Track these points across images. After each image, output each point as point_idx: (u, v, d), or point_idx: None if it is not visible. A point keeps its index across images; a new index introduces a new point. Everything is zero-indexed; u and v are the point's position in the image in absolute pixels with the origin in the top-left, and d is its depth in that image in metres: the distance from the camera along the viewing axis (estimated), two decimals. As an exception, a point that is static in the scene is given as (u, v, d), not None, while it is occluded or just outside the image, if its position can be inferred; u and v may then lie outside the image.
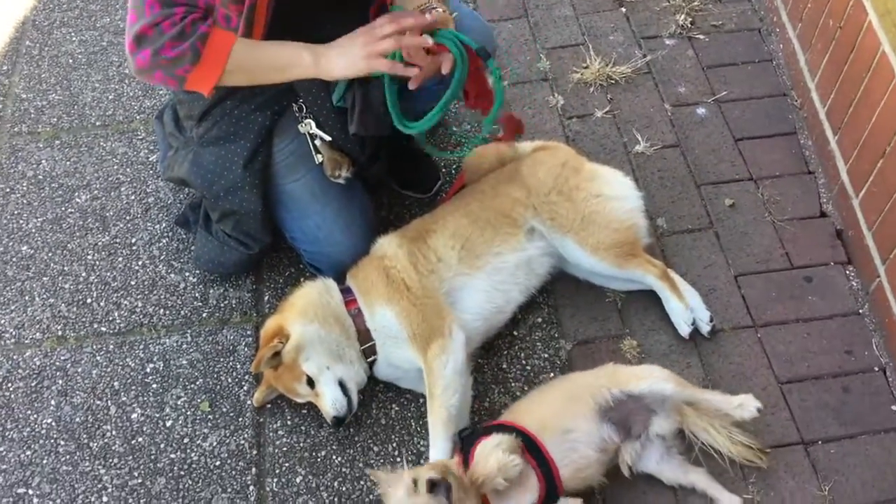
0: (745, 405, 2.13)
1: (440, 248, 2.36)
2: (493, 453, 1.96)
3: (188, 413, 2.38)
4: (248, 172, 2.36)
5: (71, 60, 3.25)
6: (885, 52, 2.34)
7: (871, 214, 2.46)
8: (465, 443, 2.07)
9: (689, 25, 3.23)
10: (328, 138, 2.36)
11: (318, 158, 2.37)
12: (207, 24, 2.04)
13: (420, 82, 2.12)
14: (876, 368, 2.38)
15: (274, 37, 2.15)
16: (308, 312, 2.29)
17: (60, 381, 2.44)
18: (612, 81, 3.08)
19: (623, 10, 3.32)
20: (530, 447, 2.03)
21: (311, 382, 2.27)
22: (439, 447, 2.17)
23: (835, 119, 2.68)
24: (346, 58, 2.10)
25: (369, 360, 2.33)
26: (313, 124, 2.35)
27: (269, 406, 2.39)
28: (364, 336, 2.31)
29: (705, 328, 2.42)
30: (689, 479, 2.14)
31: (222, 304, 2.59)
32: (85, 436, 2.34)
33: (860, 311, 2.48)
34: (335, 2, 2.23)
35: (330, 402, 2.25)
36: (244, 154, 2.35)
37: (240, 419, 2.37)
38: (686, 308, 2.40)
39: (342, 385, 2.27)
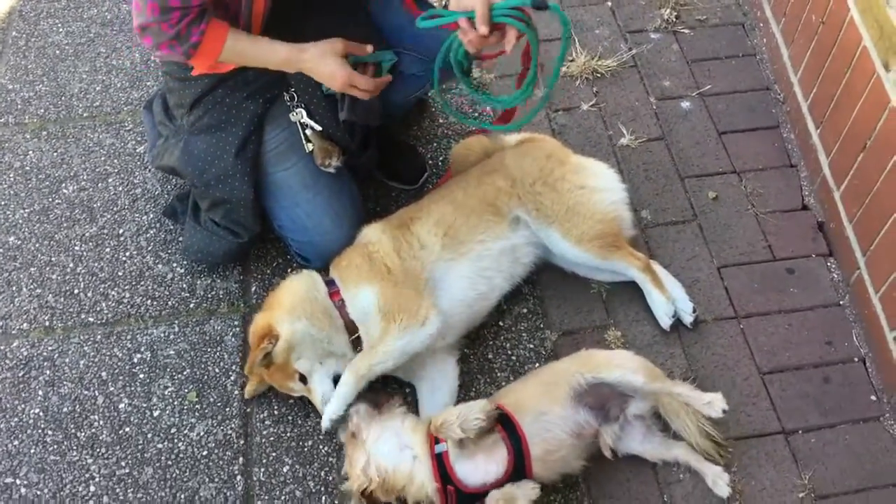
0: (713, 404, 2.15)
1: (423, 234, 2.37)
2: (460, 407, 2.02)
3: (175, 403, 2.39)
4: (239, 161, 2.37)
5: (58, 51, 3.25)
6: (866, 46, 2.37)
7: (852, 207, 2.49)
8: None
9: (674, 20, 3.25)
10: (319, 128, 2.38)
11: (309, 147, 2.39)
12: (200, 32, 2.10)
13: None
14: (856, 359, 2.41)
15: (272, 19, 2.19)
16: (296, 309, 2.29)
17: (48, 372, 2.45)
18: (598, 75, 3.10)
19: (609, 4, 3.34)
20: (504, 423, 2.06)
21: (303, 379, 2.28)
22: (341, 392, 2.19)
23: (817, 113, 2.72)
24: (326, 79, 2.24)
25: (358, 350, 2.35)
26: (304, 113, 2.36)
27: (256, 396, 2.41)
28: (350, 327, 2.33)
29: (688, 319, 2.45)
30: (672, 454, 2.19)
31: (210, 295, 2.60)
32: (72, 426, 2.35)
33: (841, 302, 2.52)
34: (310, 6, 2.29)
35: (320, 396, 2.26)
36: (235, 142, 2.36)
37: (227, 409, 2.38)
38: (667, 300, 2.43)
39: (335, 380, 2.28)
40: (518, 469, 2.03)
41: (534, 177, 2.44)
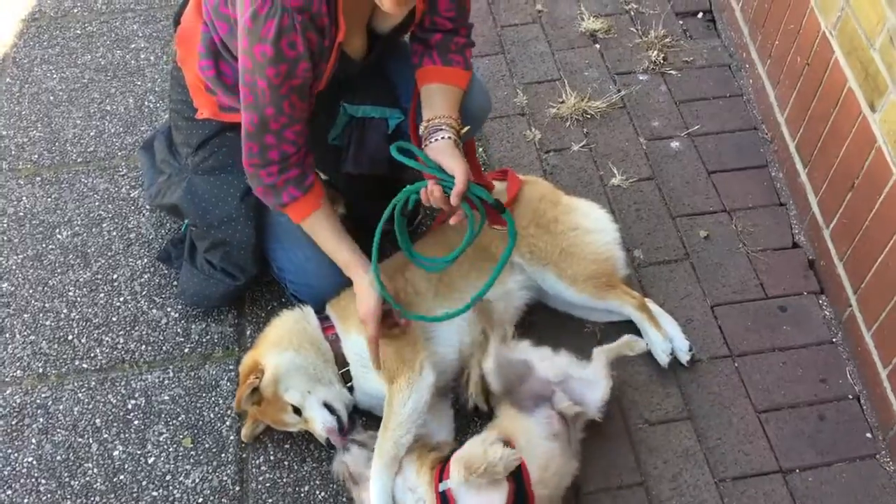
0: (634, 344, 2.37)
1: (417, 281, 2.38)
2: (493, 446, 1.99)
3: (170, 449, 2.38)
4: (244, 204, 2.38)
5: (52, 97, 3.27)
6: (851, 88, 2.42)
7: (842, 245, 2.52)
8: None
9: (662, 61, 3.31)
10: (324, 177, 2.41)
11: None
12: (292, 197, 2.18)
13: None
14: (850, 396, 2.43)
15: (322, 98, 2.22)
16: (282, 341, 2.31)
17: (41, 419, 2.43)
18: (588, 116, 3.14)
19: (597, 46, 3.39)
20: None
21: (297, 411, 2.27)
22: (378, 486, 2.11)
23: (804, 152, 2.76)
24: (359, 301, 2.27)
25: (347, 385, 2.34)
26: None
27: (251, 442, 2.39)
28: (340, 360, 2.33)
29: (685, 357, 2.46)
30: (603, 358, 2.29)
31: (204, 340, 2.60)
32: (66, 474, 2.33)
33: (833, 339, 2.54)
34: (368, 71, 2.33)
35: (320, 424, 2.25)
36: (241, 186, 2.37)
37: (222, 455, 2.36)
38: (664, 338, 2.44)
39: (328, 406, 2.28)
40: (520, 497, 2.02)
41: (527, 220, 2.46)
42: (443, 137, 2.12)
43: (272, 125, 2.07)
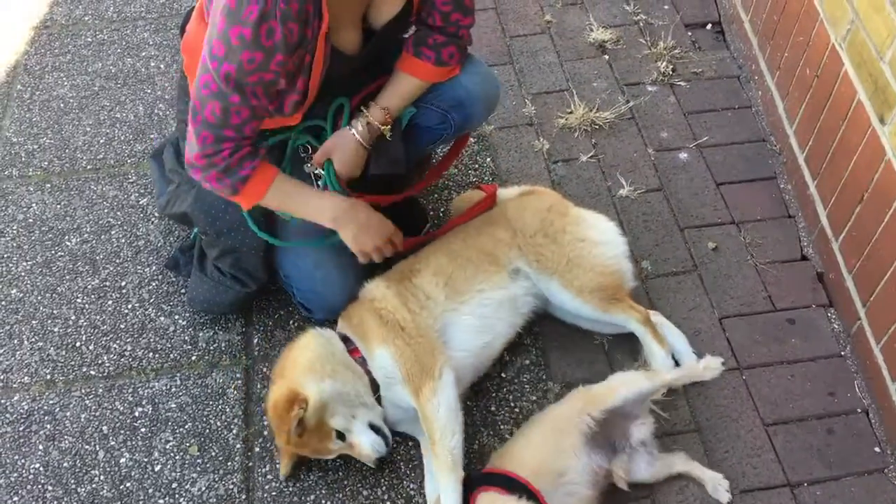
0: (710, 366, 2.43)
1: (425, 285, 2.38)
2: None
3: (177, 457, 2.38)
4: (253, 211, 2.39)
5: (62, 105, 3.28)
6: (861, 100, 2.41)
7: (851, 258, 2.51)
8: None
9: (671, 73, 3.31)
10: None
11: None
12: (252, 167, 2.16)
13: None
14: (859, 410, 2.41)
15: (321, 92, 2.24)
16: (317, 367, 2.24)
17: (48, 426, 2.43)
18: (596, 126, 3.14)
19: (606, 57, 3.40)
20: (529, 496, 2.03)
21: (339, 436, 2.23)
22: (450, 496, 2.13)
23: (813, 165, 2.75)
24: (353, 241, 2.33)
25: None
26: None
27: (257, 450, 2.39)
28: (374, 384, 2.31)
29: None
30: (676, 469, 2.23)
31: (212, 347, 2.60)
32: (73, 481, 2.33)
33: (842, 353, 2.53)
34: (361, 69, 2.35)
35: (369, 447, 2.22)
36: None
37: (228, 463, 2.36)
38: (666, 354, 2.43)
39: (373, 427, 2.25)
40: None
41: (534, 228, 2.46)
42: (351, 125, 2.32)
43: (233, 119, 2.06)
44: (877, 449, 2.34)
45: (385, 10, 2.21)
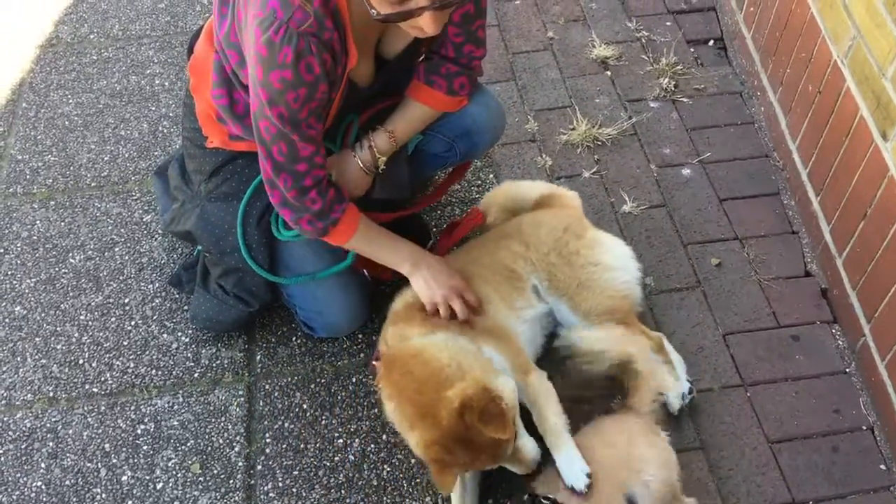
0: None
1: (478, 289, 2.37)
2: None
3: (179, 475, 2.37)
4: (257, 231, 2.39)
5: (67, 122, 3.30)
6: (863, 116, 2.41)
7: (855, 274, 2.50)
8: None
9: (673, 89, 3.31)
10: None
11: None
12: (342, 210, 2.20)
13: None
14: (864, 427, 2.40)
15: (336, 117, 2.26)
16: (490, 367, 2.13)
17: (51, 444, 2.43)
18: (599, 143, 3.15)
19: (608, 73, 3.40)
20: None
21: None
22: (569, 455, 2.08)
23: (816, 181, 2.75)
24: (424, 287, 2.30)
25: None
26: None
27: (259, 468, 2.38)
28: None
29: (677, 402, 2.40)
30: None
31: (214, 364, 2.60)
32: (75, 499, 2.32)
33: (847, 370, 2.51)
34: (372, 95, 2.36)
35: (534, 449, 2.12)
36: (255, 213, 2.38)
37: (230, 481, 2.36)
38: (677, 381, 2.40)
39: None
40: None
41: (548, 247, 2.44)
42: (354, 148, 2.33)
43: (302, 152, 2.07)
44: (882, 466, 2.32)
45: (398, 42, 2.22)
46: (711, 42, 3.50)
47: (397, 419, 2.12)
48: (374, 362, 2.29)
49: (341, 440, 2.44)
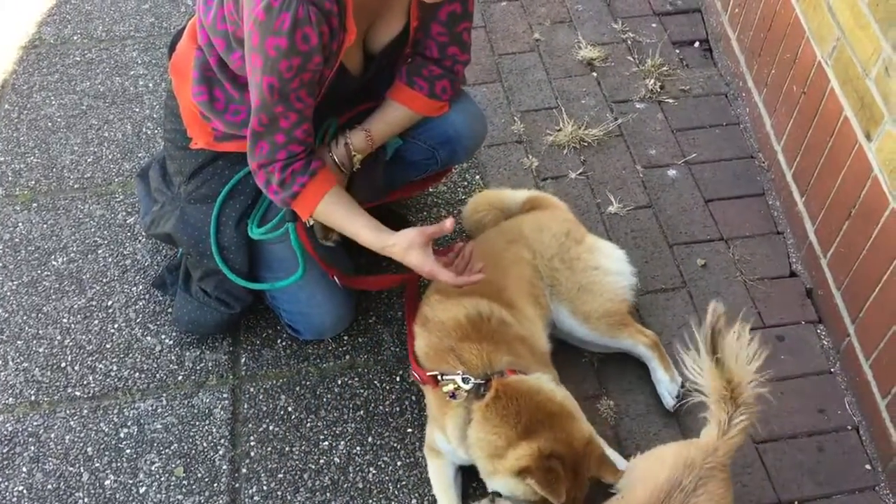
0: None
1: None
2: None
3: (162, 479, 2.35)
4: (237, 233, 2.37)
5: (50, 124, 3.27)
6: (848, 117, 2.42)
7: (840, 274, 2.51)
8: None
9: (659, 90, 3.32)
10: None
11: (310, 222, 2.38)
12: (301, 184, 2.14)
13: None
14: (849, 427, 2.40)
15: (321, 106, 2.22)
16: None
17: (33, 448, 2.41)
18: (585, 144, 3.15)
19: (594, 74, 3.41)
20: None
21: None
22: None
23: (801, 181, 2.76)
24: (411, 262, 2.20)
25: None
26: None
27: (244, 471, 2.37)
28: None
29: (671, 402, 2.42)
30: None
31: (198, 367, 2.58)
32: (57, 503, 2.31)
33: (832, 369, 2.52)
34: (359, 90, 2.35)
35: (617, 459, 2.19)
36: (234, 215, 2.37)
37: (215, 485, 2.34)
38: (672, 380, 2.42)
39: None
40: None
41: (552, 252, 2.46)
42: (331, 145, 2.29)
43: (282, 123, 2.06)
44: (867, 466, 2.33)
45: (383, 32, 2.20)
46: (697, 43, 3.51)
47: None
48: (414, 374, 2.28)
49: (326, 443, 2.42)
